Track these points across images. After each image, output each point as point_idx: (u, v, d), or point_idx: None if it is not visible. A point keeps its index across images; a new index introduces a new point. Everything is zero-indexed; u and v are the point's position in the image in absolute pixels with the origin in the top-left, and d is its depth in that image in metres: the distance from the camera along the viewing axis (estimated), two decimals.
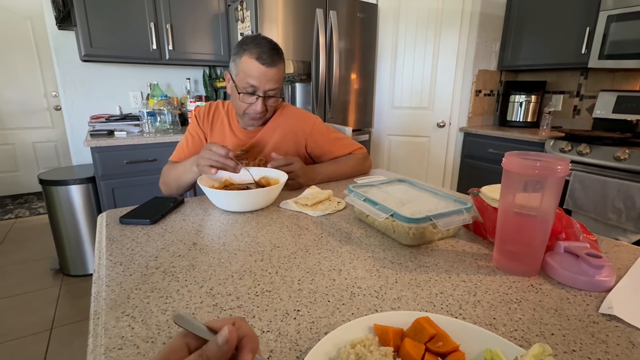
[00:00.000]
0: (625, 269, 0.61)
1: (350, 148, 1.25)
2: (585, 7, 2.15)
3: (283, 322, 0.47)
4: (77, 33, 2.08)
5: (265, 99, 1.06)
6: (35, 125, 3.57)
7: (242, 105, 1.07)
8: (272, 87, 1.04)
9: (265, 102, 1.06)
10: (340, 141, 1.25)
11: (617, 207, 1.80)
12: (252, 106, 1.06)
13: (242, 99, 1.05)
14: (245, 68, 1.01)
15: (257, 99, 1.04)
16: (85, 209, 2.07)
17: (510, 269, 0.60)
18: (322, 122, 1.25)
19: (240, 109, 1.08)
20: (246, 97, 1.04)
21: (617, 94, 2.25)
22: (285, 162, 1.03)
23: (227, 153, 0.90)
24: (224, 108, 1.21)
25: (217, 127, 1.20)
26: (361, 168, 1.24)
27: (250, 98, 1.05)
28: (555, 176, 0.54)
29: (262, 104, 1.05)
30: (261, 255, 0.66)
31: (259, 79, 1.01)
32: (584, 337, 0.45)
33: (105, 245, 0.69)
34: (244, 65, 1.01)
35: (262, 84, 1.02)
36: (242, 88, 1.03)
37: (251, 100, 1.05)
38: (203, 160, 0.92)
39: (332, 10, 2.22)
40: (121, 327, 0.46)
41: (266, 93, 1.04)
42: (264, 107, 1.06)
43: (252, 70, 1.00)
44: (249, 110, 1.07)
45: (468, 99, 2.62)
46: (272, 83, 1.03)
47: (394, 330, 0.41)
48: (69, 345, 1.60)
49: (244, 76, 1.02)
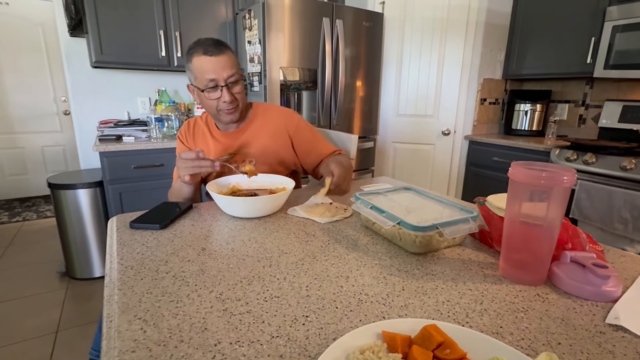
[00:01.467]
0: (631, 279, 0.62)
1: (334, 147, 1.26)
2: (591, 17, 2.16)
3: (292, 327, 0.48)
4: (88, 40, 2.12)
5: (229, 87, 1.07)
6: (45, 129, 3.63)
7: (212, 103, 1.08)
8: (229, 73, 1.05)
9: (230, 91, 1.07)
10: (322, 140, 1.26)
11: (623, 217, 1.79)
12: (220, 100, 1.07)
13: (208, 96, 1.06)
14: (198, 67, 1.04)
15: (222, 90, 1.05)
16: (93, 213, 2.09)
17: (516, 278, 0.61)
18: (305, 120, 1.27)
19: (212, 109, 1.09)
20: (211, 93, 1.06)
21: (622, 103, 2.25)
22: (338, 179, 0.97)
23: (196, 155, 0.92)
24: (202, 120, 1.24)
25: (199, 139, 1.22)
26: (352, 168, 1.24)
27: (215, 93, 1.06)
28: (561, 186, 0.54)
29: (228, 93, 1.06)
30: (269, 261, 0.67)
31: (214, 70, 1.03)
32: (590, 347, 0.45)
33: (117, 250, 0.71)
34: (196, 65, 1.04)
35: (218, 73, 1.03)
36: (205, 86, 1.05)
37: (217, 95, 1.06)
38: (181, 172, 0.96)
39: (338, 19, 2.25)
40: (134, 330, 0.47)
41: (227, 81, 1.05)
42: (231, 95, 1.07)
43: (204, 66, 1.03)
44: (220, 106, 1.08)
45: (473, 107, 2.63)
46: (228, 69, 1.04)
47: (402, 337, 0.41)
48: (74, 348, 1.61)
49: (200, 75, 1.04)
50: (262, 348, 0.44)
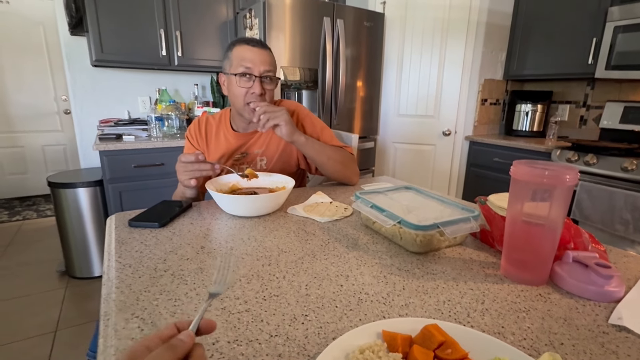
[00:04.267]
0: (634, 279, 0.61)
1: (339, 143, 1.22)
2: (592, 18, 2.16)
3: (291, 326, 0.47)
4: (89, 39, 2.11)
5: (262, 81, 1.06)
6: (45, 128, 3.63)
7: (241, 91, 1.06)
8: (266, 68, 1.05)
9: (262, 85, 1.06)
10: (327, 135, 1.22)
11: (624, 218, 1.78)
12: (250, 90, 1.06)
13: (239, 83, 1.05)
14: (238, 55, 1.04)
15: (254, 80, 1.05)
16: (93, 212, 2.09)
17: (518, 278, 0.60)
18: (313, 115, 1.25)
19: (239, 99, 1.08)
20: (243, 80, 1.05)
21: (624, 104, 2.25)
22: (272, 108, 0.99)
23: (196, 158, 0.91)
24: (214, 119, 1.22)
25: (212, 139, 1.20)
26: (350, 169, 1.18)
27: (247, 82, 1.05)
28: (564, 185, 0.54)
29: (260, 85, 1.05)
30: (268, 259, 0.66)
31: (252, 60, 1.03)
32: (593, 347, 0.45)
33: (115, 248, 0.70)
34: (236, 54, 1.05)
35: (256, 64, 1.04)
36: (238, 73, 1.05)
37: (249, 84, 1.05)
38: (181, 176, 0.94)
39: (339, 18, 2.25)
40: (131, 328, 0.46)
41: (262, 74, 1.05)
42: (262, 88, 1.06)
43: (245, 54, 1.04)
44: (248, 97, 1.07)
45: (474, 107, 2.62)
46: (266, 65, 1.05)
47: (403, 337, 0.41)
48: (74, 347, 1.60)
49: (238, 62, 1.04)
50: (261, 347, 0.43)
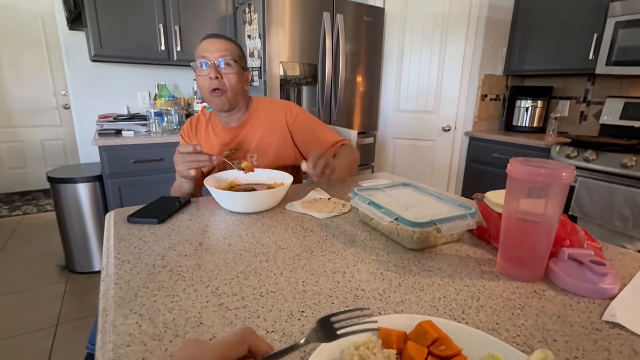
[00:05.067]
0: (629, 276, 0.61)
1: (337, 138, 1.23)
2: (593, 13, 2.14)
3: (287, 322, 0.48)
4: (88, 33, 2.10)
5: (218, 67, 1.07)
6: (44, 123, 3.62)
7: (203, 83, 1.09)
8: (221, 54, 1.06)
9: (218, 70, 1.07)
10: (325, 130, 1.24)
11: (623, 214, 1.79)
12: (207, 77, 1.07)
13: (197, 72, 1.09)
14: (198, 50, 1.08)
15: (209, 67, 1.06)
16: (92, 207, 2.09)
17: (513, 275, 0.61)
18: (306, 111, 1.26)
19: (203, 89, 1.10)
20: (200, 69, 1.08)
21: (624, 100, 2.24)
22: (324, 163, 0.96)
23: (194, 149, 0.92)
24: (205, 116, 1.25)
25: (201, 135, 1.23)
26: (357, 158, 1.21)
27: (204, 71, 1.07)
28: (560, 183, 0.54)
29: (215, 70, 1.06)
30: (266, 256, 0.66)
31: (207, 49, 1.06)
32: (586, 344, 0.45)
33: (113, 244, 0.71)
34: (197, 50, 1.09)
35: (211, 53, 1.06)
36: (197, 66, 1.08)
37: (205, 72, 1.07)
38: (179, 167, 0.95)
39: (339, 13, 2.23)
40: (129, 324, 0.47)
41: (217, 62, 1.06)
42: (217, 73, 1.06)
43: (202, 47, 1.07)
44: (207, 83, 1.08)
45: (474, 103, 2.62)
46: (221, 51, 1.06)
47: (397, 333, 0.41)
48: (74, 341, 1.62)
49: (197, 56, 1.08)
50: None
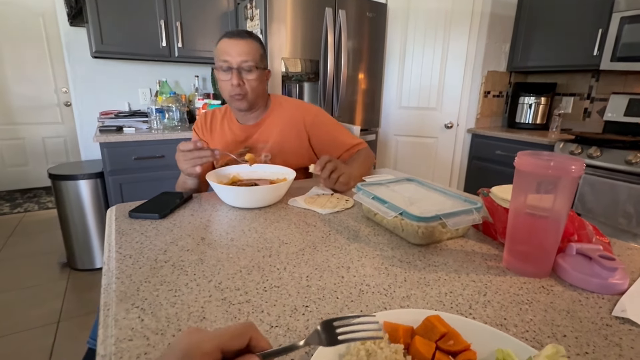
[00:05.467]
0: (638, 272, 0.60)
1: (356, 140, 1.23)
2: (598, 9, 2.12)
3: (292, 317, 0.47)
4: (89, 30, 2.09)
5: (241, 73, 1.06)
6: (45, 120, 3.61)
7: (224, 85, 1.08)
8: (244, 59, 1.05)
9: (240, 76, 1.06)
10: (342, 132, 1.24)
11: (627, 212, 1.77)
12: (229, 83, 1.06)
13: (219, 76, 1.08)
14: (219, 49, 1.06)
15: (232, 72, 1.05)
16: (93, 203, 2.09)
17: (520, 270, 0.60)
18: (324, 112, 1.25)
19: (225, 93, 1.10)
20: (222, 73, 1.06)
21: (629, 96, 2.22)
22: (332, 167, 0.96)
23: (194, 145, 0.91)
24: (220, 112, 1.24)
25: (216, 131, 1.21)
26: (371, 162, 1.23)
27: (226, 74, 1.06)
28: (569, 176, 0.53)
29: (237, 76, 1.05)
30: (269, 251, 0.66)
31: (228, 52, 1.04)
32: (597, 339, 0.44)
33: (115, 239, 0.70)
34: (218, 49, 1.06)
35: (233, 57, 1.04)
36: (219, 67, 1.07)
37: (227, 77, 1.06)
38: (182, 165, 0.93)
39: (341, 9, 2.22)
40: (131, 318, 0.46)
41: (240, 65, 1.05)
42: (240, 79, 1.06)
43: (223, 47, 1.05)
44: (229, 89, 1.07)
45: (476, 100, 2.60)
46: (244, 55, 1.04)
47: (404, 328, 0.41)
48: (76, 338, 1.61)
49: (218, 57, 1.06)
50: None
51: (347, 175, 0.99)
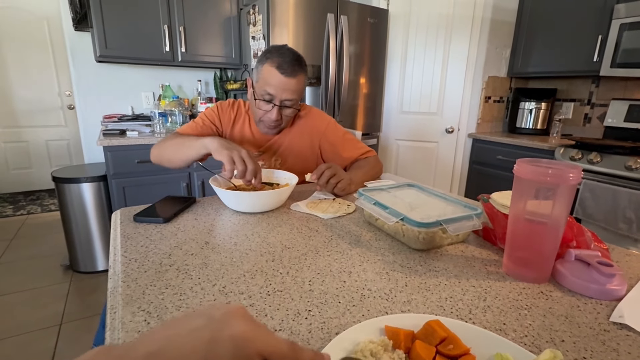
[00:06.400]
0: (636, 278, 0.61)
1: (361, 150, 1.25)
2: (598, 15, 2.14)
3: (295, 321, 0.48)
4: (93, 34, 2.12)
5: (282, 109, 1.06)
6: (49, 123, 3.64)
7: (259, 112, 1.08)
8: (289, 97, 1.04)
9: (280, 112, 1.06)
10: (351, 142, 1.25)
11: (627, 217, 1.78)
12: (267, 114, 1.06)
13: (258, 105, 1.06)
14: (265, 76, 1.02)
15: (273, 108, 1.04)
16: (96, 206, 2.10)
17: (520, 276, 0.61)
18: (336, 124, 1.26)
19: (256, 115, 1.10)
20: (262, 104, 1.05)
21: (629, 102, 2.23)
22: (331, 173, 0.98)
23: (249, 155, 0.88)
24: (245, 107, 1.21)
25: (238, 125, 1.19)
26: (378, 171, 1.23)
27: (266, 105, 1.05)
28: (567, 184, 0.54)
29: (278, 113, 1.05)
30: (272, 255, 0.67)
31: (276, 87, 1.01)
32: (594, 344, 0.45)
33: (120, 242, 0.71)
34: (264, 73, 1.02)
35: (279, 93, 1.02)
36: (260, 95, 1.04)
37: (267, 108, 1.05)
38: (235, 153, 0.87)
39: (343, 15, 2.24)
40: (137, 321, 0.47)
41: (282, 102, 1.05)
42: (279, 115, 1.06)
43: (271, 79, 1.01)
44: (264, 117, 1.08)
45: (477, 105, 2.61)
46: (290, 93, 1.03)
47: (405, 332, 0.41)
48: (78, 340, 1.62)
49: (263, 83, 1.03)
50: None
51: (346, 181, 1.00)
